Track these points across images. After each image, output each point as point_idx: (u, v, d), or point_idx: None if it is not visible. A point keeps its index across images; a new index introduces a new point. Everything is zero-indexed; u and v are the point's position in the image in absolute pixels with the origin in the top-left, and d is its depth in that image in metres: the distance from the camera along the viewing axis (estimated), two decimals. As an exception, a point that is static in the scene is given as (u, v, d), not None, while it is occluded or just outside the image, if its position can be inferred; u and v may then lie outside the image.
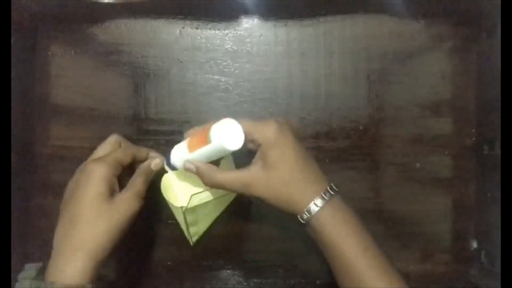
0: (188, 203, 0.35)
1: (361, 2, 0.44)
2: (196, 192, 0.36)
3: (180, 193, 0.38)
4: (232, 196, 0.41)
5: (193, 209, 0.37)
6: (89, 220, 0.33)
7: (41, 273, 0.33)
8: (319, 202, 0.33)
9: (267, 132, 0.34)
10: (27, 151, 0.43)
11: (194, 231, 0.40)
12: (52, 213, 0.43)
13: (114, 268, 0.43)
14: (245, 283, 0.44)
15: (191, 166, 0.35)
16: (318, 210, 0.33)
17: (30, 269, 0.35)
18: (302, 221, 0.33)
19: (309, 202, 0.33)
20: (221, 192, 0.37)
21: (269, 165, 0.33)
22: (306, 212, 0.33)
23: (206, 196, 0.37)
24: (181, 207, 0.36)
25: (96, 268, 0.32)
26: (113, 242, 0.33)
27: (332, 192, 0.34)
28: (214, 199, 0.38)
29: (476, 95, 0.45)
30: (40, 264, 0.35)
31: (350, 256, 0.32)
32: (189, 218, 0.38)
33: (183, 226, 0.38)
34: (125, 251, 0.43)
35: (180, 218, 0.38)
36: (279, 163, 0.33)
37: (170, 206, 0.37)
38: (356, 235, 0.33)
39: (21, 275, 0.34)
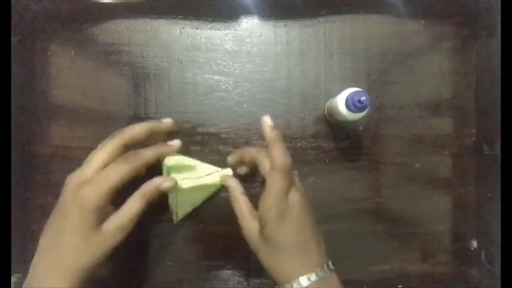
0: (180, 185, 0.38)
1: (361, 2, 0.44)
2: (188, 177, 0.39)
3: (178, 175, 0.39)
4: (217, 186, 0.42)
5: (184, 191, 0.39)
6: (72, 247, 0.32)
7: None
8: (304, 280, 0.33)
9: (267, 207, 0.34)
10: (27, 151, 0.43)
11: (181, 212, 0.42)
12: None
13: (114, 268, 0.43)
14: (245, 283, 0.44)
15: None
16: (308, 285, 0.32)
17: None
18: None
19: (298, 277, 0.33)
20: (207, 180, 0.41)
21: (266, 235, 0.34)
22: (294, 283, 0.33)
23: (196, 181, 0.40)
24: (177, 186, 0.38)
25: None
26: (97, 264, 0.33)
27: (320, 274, 0.33)
28: (202, 185, 0.40)
29: (476, 95, 0.45)
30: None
31: None
32: (180, 198, 0.40)
33: (173, 206, 0.41)
34: (125, 251, 0.42)
35: (172, 197, 0.41)
36: (276, 237, 0.34)
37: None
38: None
39: None
